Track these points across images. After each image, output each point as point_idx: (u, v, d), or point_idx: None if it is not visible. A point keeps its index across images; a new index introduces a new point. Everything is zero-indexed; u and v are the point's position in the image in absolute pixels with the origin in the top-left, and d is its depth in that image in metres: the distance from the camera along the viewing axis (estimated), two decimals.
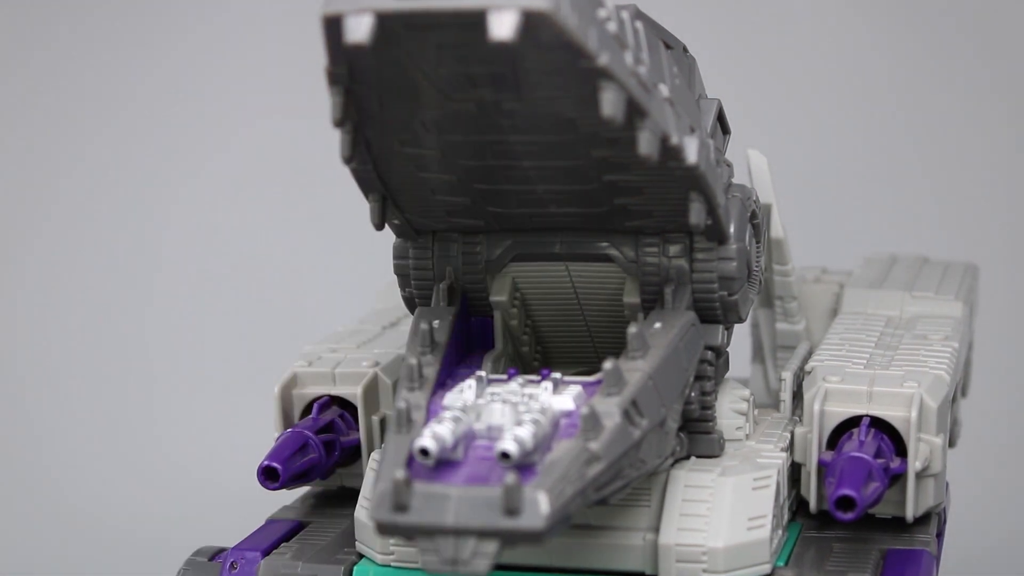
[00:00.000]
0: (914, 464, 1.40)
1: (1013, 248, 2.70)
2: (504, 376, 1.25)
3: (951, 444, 1.56)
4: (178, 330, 2.83)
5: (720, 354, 1.42)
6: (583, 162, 1.22)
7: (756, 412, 1.51)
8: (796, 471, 1.47)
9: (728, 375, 1.48)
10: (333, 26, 1.02)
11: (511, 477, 1.06)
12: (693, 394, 1.37)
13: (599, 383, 1.20)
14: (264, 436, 1.59)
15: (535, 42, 1.00)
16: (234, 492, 2.20)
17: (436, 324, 1.37)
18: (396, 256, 1.44)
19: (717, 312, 1.38)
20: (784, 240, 1.68)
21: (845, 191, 2.76)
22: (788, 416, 1.54)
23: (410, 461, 1.13)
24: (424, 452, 1.11)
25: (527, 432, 1.11)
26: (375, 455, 1.47)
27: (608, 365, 1.18)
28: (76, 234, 2.88)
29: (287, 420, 1.57)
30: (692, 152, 1.20)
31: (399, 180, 1.28)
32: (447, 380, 1.30)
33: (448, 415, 1.15)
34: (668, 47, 1.27)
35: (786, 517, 1.44)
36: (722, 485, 1.34)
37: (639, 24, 1.14)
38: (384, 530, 1.11)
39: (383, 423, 1.56)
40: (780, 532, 1.40)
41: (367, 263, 1.98)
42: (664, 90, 1.16)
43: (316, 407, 1.55)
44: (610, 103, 1.05)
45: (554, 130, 1.15)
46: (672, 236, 1.36)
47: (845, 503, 1.31)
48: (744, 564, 1.32)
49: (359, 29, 1.01)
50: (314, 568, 1.43)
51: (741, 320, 1.41)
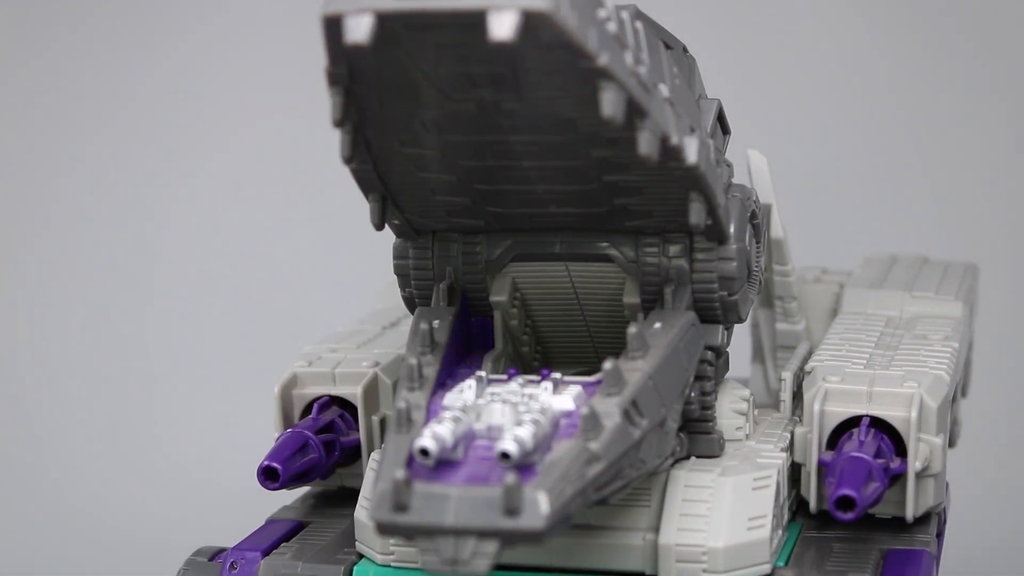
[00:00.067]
0: (914, 464, 1.40)
1: (1013, 248, 2.70)
2: (504, 376, 1.25)
3: (951, 444, 1.56)
4: (178, 330, 2.83)
5: (720, 354, 1.42)
6: (583, 162, 1.21)
7: (756, 412, 1.51)
8: (796, 471, 1.47)
9: (728, 375, 1.48)
10: (333, 26, 1.02)
11: (511, 477, 1.06)
12: (693, 394, 1.37)
13: (599, 383, 1.20)
14: (264, 436, 1.59)
15: (535, 42, 1.00)
16: (234, 492, 2.20)
17: (436, 324, 1.37)
18: (396, 256, 1.44)
19: (717, 312, 1.38)
20: (784, 240, 1.68)
21: (845, 191, 2.76)
22: (788, 416, 1.54)
23: (410, 461, 1.13)
24: (424, 452, 1.11)
25: (527, 432, 1.11)
26: (375, 455, 1.46)
27: (608, 365, 1.18)
28: (76, 234, 2.88)
29: (287, 420, 1.57)
30: (692, 152, 1.20)
31: (399, 180, 1.28)
32: (447, 380, 1.30)
33: (448, 415, 1.15)
34: (668, 47, 1.27)
35: (786, 517, 1.44)
36: (722, 485, 1.34)
37: (639, 24, 1.13)
38: (384, 530, 1.11)
39: (383, 423, 1.56)
40: (780, 532, 1.40)
41: (367, 263, 1.97)
42: (664, 90, 1.16)
43: (316, 407, 1.55)
44: (610, 103, 1.05)
45: (554, 130, 1.15)
46: (672, 236, 1.36)
47: (845, 503, 1.31)
48: (744, 564, 1.32)
49: (359, 29, 1.01)
50: (314, 568, 1.43)
51: (741, 320, 1.41)
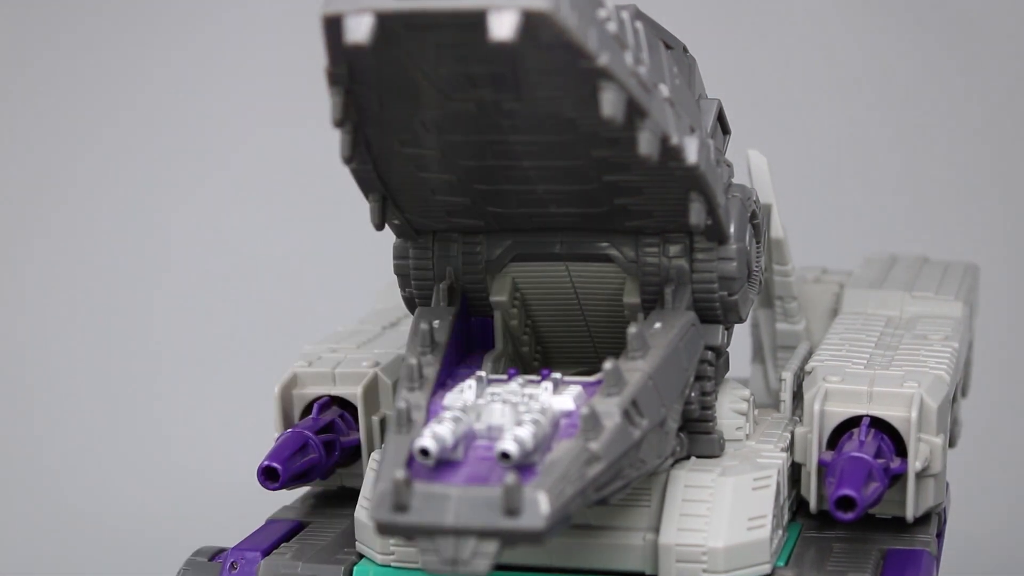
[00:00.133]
0: (914, 464, 1.40)
1: (1013, 248, 2.70)
2: (504, 376, 1.25)
3: (951, 444, 1.56)
4: (178, 330, 2.83)
5: (720, 354, 1.42)
6: (583, 162, 1.21)
7: (756, 412, 1.51)
8: (796, 471, 1.47)
9: (728, 375, 1.48)
10: (333, 26, 1.02)
11: (511, 477, 1.06)
12: (693, 394, 1.37)
13: (599, 383, 1.20)
14: (264, 436, 1.59)
15: (535, 42, 1.00)
16: (234, 492, 2.20)
17: (436, 324, 1.36)
18: (396, 256, 1.44)
19: (717, 312, 1.38)
20: (784, 240, 1.68)
21: (845, 191, 2.76)
22: (788, 416, 1.54)
23: (410, 461, 1.13)
24: (424, 452, 1.11)
25: (527, 432, 1.11)
26: (375, 455, 1.46)
27: (608, 365, 1.18)
28: (77, 235, 2.88)
29: (287, 420, 1.57)
30: (692, 152, 1.20)
31: (399, 180, 1.28)
32: (447, 380, 1.30)
33: (448, 415, 1.15)
34: (668, 47, 1.27)
35: (786, 517, 1.44)
36: (722, 485, 1.34)
37: (639, 24, 1.13)
38: (384, 530, 1.11)
39: (383, 423, 1.56)
40: (780, 532, 1.40)
41: (367, 263, 1.97)
42: (664, 90, 1.16)
43: (316, 407, 1.55)
44: (610, 103, 1.05)
45: (554, 130, 1.15)
46: (672, 236, 1.36)
47: (845, 503, 1.31)
48: (744, 564, 1.32)
49: (359, 29, 1.01)
50: (314, 568, 1.43)
51: (741, 320, 1.41)
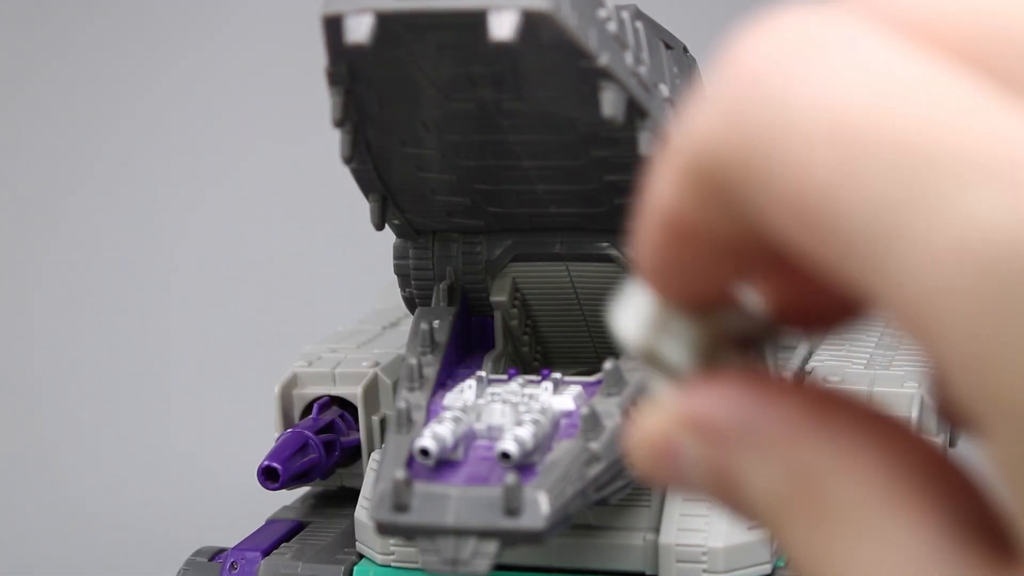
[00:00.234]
0: None
1: None
2: (504, 376, 1.25)
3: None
4: (178, 330, 2.83)
5: None
6: (583, 162, 1.21)
7: None
8: None
9: None
10: (333, 26, 1.02)
11: (511, 477, 1.06)
12: None
13: (599, 383, 1.20)
14: (264, 436, 1.59)
15: (535, 42, 1.00)
16: (234, 492, 2.20)
17: (436, 324, 1.36)
18: (396, 256, 1.44)
19: None
20: None
21: None
22: None
23: (410, 461, 1.13)
24: (424, 452, 1.11)
25: (527, 432, 1.11)
26: (375, 455, 1.46)
27: (608, 365, 1.18)
28: (77, 235, 2.88)
29: (287, 420, 1.57)
30: None
31: (399, 180, 1.28)
32: (447, 380, 1.30)
33: (448, 415, 1.15)
34: (668, 47, 1.27)
35: None
36: None
37: (639, 24, 1.13)
38: (384, 530, 1.11)
39: (383, 423, 1.56)
40: None
41: (367, 263, 1.97)
42: (664, 90, 1.16)
43: (316, 407, 1.55)
44: (610, 103, 1.05)
45: (554, 130, 1.15)
46: None
47: None
48: (744, 564, 1.32)
49: (359, 29, 1.01)
50: (314, 568, 1.43)
51: None
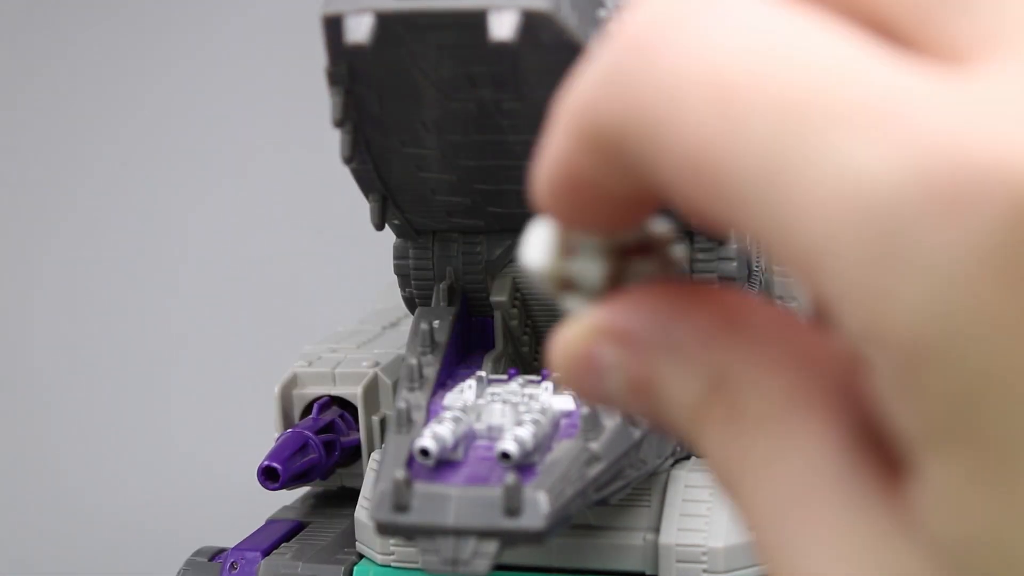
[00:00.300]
0: None
1: None
2: (504, 376, 1.25)
3: None
4: (178, 330, 2.83)
5: None
6: None
7: None
8: None
9: None
10: (333, 26, 1.02)
11: (511, 477, 1.06)
12: None
13: None
14: (264, 436, 1.59)
15: (535, 42, 1.00)
16: (234, 492, 2.20)
17: (436, 324, 1.36)
18: (396, 256, 1.43)
19: None
20: None
21: None
22: None
23: (410, 461, 1.13)
24: (424, 452, 1.11)
25: (527, 432, 1.11)
26: (375, 455, 1.46)
27: None
28: (77, 235, 2.88)
29: (287, 420, 1.57)
30: None
31: (399, 180, 1.28)
32: (447, 380, 1.30)
33: (448, 415, 1.15)
34: None
35: None
36: None
37: None
38: (384, 530, 1.11)
39: (383, 423, 1.56)
40: None
41: (367, 263, 1.97)
42: None
43: (316, 407, 1.55)
44: None
45: None
46: None
47: None
48: (744, 564, 1.32)
49: (359, 29, 1.01)
50: (314, 568, 1.43)
51: None
